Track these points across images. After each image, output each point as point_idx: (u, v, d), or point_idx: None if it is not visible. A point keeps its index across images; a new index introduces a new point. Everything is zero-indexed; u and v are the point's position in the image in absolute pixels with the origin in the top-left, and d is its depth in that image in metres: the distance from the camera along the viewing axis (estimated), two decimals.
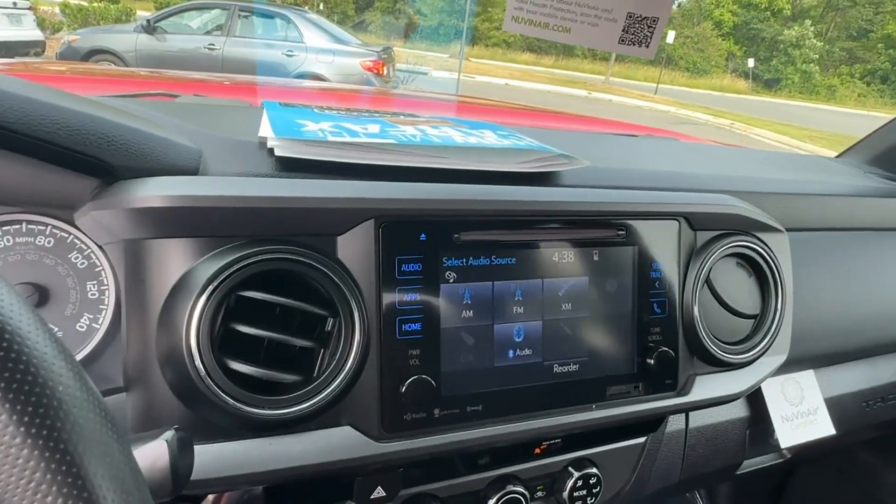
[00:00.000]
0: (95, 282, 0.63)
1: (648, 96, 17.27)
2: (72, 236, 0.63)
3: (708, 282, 0.72)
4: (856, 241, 0.94)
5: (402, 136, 0.68)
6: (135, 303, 0.54)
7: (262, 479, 0.52)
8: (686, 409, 0.72)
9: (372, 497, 0.62)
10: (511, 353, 0.62)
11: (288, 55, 7.19)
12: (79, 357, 0.60)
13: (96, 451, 0.27)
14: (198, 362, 0.49)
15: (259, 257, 0.51)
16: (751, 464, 0.94)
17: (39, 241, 0.62)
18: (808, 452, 0.99)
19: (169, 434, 0.39)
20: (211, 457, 0.51)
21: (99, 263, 0.63)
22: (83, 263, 0.63)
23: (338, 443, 0.54)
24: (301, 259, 0.52)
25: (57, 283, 0.62)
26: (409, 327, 0.57)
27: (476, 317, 0.60)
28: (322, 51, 7.19)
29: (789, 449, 0.93)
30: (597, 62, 28.10)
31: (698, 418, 0.85)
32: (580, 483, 0.73)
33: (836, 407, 0.94)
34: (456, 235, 0.59)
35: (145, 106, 0.71)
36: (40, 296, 0.60)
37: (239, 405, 0.50)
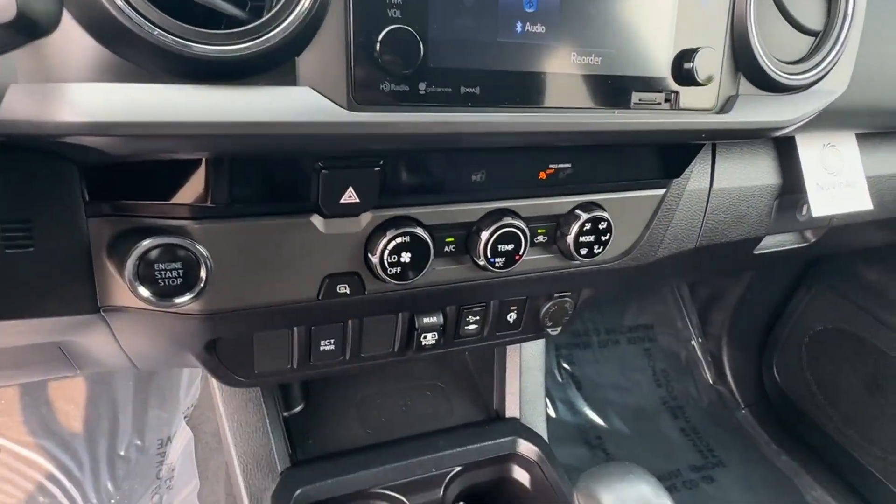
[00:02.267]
0: None
1: None
2: None
3: None
4: None
5: None
6: None
7: (194, 135, 0.41)
8: (723, 133, 0.61)
9: (342, 201, 0.51)
10: (519, 26, 0.49)
11: None
12: None
13: None
14: None
15: None
16: (771, 244, 0.85)
17: None
18: (832, 239, 0.90)
19: None
20: (129, 101, 0.38)
21: None
22: None
23: (294, 104, 0.42)
24: None
25: None
26: None
27: None
28: None
29: (818, 223, 0.84)
30: None
31: (723, 178, 0.75)
32: (588, 227, 0.63)
33: (875, 186, 0.84)
34: None
35: None
36: None
37: (164, 36, 0.37)
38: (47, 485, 1.12)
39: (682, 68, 0.55)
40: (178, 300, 0.49)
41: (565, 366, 1.55)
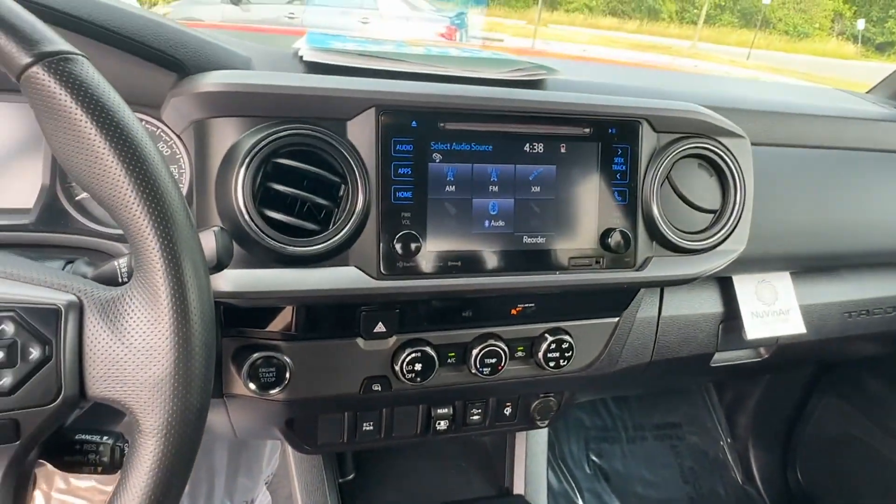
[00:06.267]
0: (175, 166, 0.84)
1: (739, 62, 16.28)
2: (159, 129, 0.83)
3: (669, 178, 0.84)
4: (838, 159, 1.00)
5: (408, 50, 0.84)
6: (200, 170, 0.73)
7: (288, 297, 0.71)
8: (643, 284, 0.85)
9: (375, 331, 0.80)
10: (486, 223, 0.77)
11: (363, 23, 7.41)
12: None
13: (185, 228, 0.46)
14: (244, 211, 0.68)
15: (287, 132, 0.69)
16: (724, 358, 1.05)
17: None
18: (785, 354, 1.07)
19: (216, 229, 0.57)
20: (253, 278, 0.70)
21: (179, 151, 0.83)
22: (167, 151, 0.84)
23: (345, 277, 0.72)
24: (318, 135, 0.70)
25: None
26: (402, 195, 0.74)
27: (457, 191, 0.76)
28: (397, 18, 7.37)
29: (759, 342, 1.03)
30: (684, 26, 26.60)
31: (671, 308, 0.97)
32: (553, 346, 0.88)
33: (815, 313, 1.03)
34: (442, 124, 0.74)
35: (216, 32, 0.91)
36: None
37: (273, 242, 0.68)
38: None
39: (606, 242, 0.81)
40: (272, 391, 0.78)
41: (594, 458, 1.71)
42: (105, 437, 0.52)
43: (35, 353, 0.42)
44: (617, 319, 0.93)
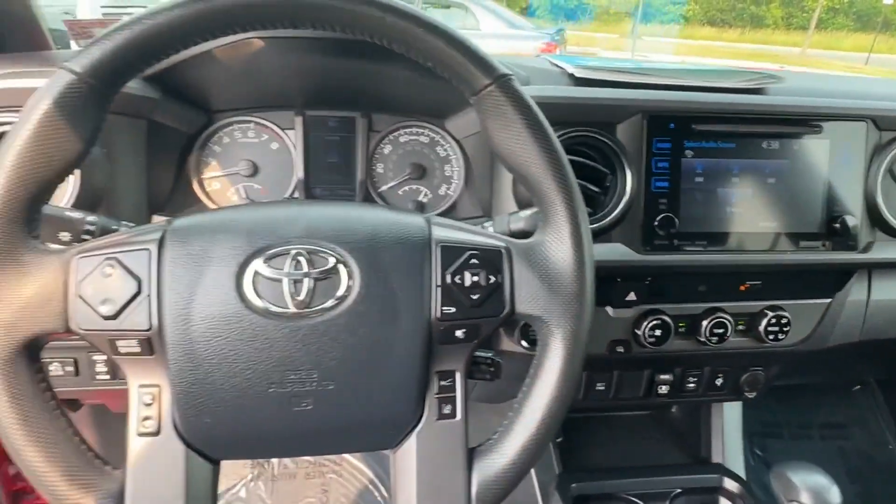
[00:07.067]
0: (449, 165, 1.04)
1: (857, 68, 15.22)
2: (440, 135, 1.04)
3: (891, 171, 0.94)
4: None
5: (653, 66, 1.00)
6: (496, 167, 0.92)
7: None
8: (864, 265, 0.95)
9: (626, 299, 0.95)
10: (729, 209, 0.91)
11: None
12: (445, 207, 1.02)
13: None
14: None
15: (573, 133, 0.87)
16: None
17: (422, 138, 1.04)
18: None
19: None
20: None
21: (454, 154, 1.04)
22: (444, 153, 1.05)
23: (615, 251, 0.89)
24: (595, 136, 0.87)
25: (430, 164, 1.04)
26: (660, 184, 0.89)
27: (705, 182, 0.90)
28: (498, 36, 7.61)
29: None
30: (792, 32, 25.17)
31: (881, 293, 1.05)
32: (773, 321, 0.99)
33: None
34: (694, 126, 0.89)
35: None
36: (420, 172, 1.02)
37: None
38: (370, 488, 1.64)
39: (832, 227, 0.92)
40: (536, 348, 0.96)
41: (757, 451, 1.76)
42: (488, 355, 0.71)
43: (492, 280, 0.61)
44: (830, 301, 1.03)
